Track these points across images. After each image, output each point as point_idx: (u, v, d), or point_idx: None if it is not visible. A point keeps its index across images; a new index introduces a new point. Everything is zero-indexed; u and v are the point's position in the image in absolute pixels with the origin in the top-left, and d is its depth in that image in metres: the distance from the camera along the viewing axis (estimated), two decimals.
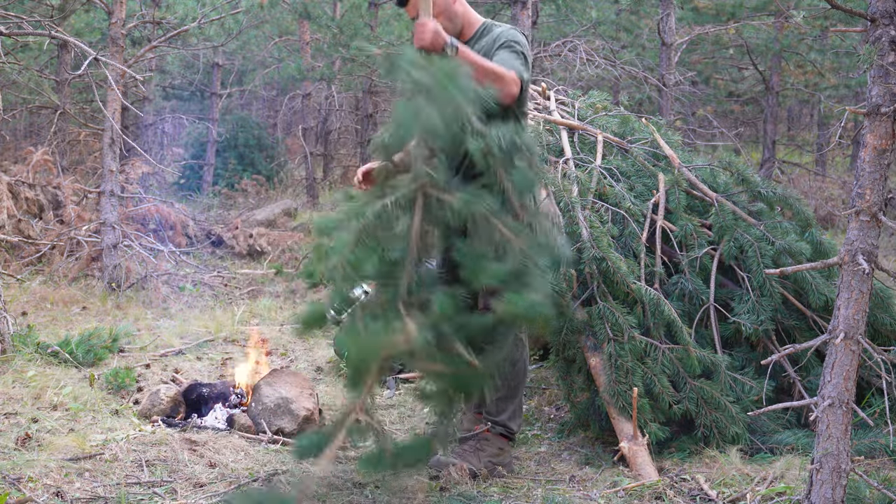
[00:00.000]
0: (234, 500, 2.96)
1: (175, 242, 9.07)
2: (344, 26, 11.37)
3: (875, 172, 2.63)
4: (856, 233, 2.66)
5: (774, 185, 4.56)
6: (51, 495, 3.11)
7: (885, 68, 2.57)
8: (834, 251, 4.16)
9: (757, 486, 3.28)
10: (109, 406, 4.28)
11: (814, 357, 3.99)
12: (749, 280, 4.09)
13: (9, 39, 7.71)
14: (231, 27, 11.67)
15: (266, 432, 3.96)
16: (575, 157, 4.60)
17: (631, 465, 3.54)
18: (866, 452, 3.57)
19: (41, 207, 8.36)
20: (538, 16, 9.72)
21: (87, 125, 9.75)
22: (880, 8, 2.57)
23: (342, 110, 16.08)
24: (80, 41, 6.84)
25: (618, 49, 11.38)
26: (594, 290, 3.93)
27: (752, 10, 10.57)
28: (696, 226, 4.26)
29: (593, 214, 4.17)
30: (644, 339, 3.84)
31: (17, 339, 5.05)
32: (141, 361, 5.17)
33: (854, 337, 2.67)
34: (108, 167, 7.13)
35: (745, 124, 16.01)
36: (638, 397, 3.60)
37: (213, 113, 14.39)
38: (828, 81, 12.27)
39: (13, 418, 3.97)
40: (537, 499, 3.23)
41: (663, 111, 9.57)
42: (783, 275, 3.80)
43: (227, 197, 13.69)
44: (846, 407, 2.70)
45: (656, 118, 5.08)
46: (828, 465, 2.71)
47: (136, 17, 8.93)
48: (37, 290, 6.92)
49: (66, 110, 9.95)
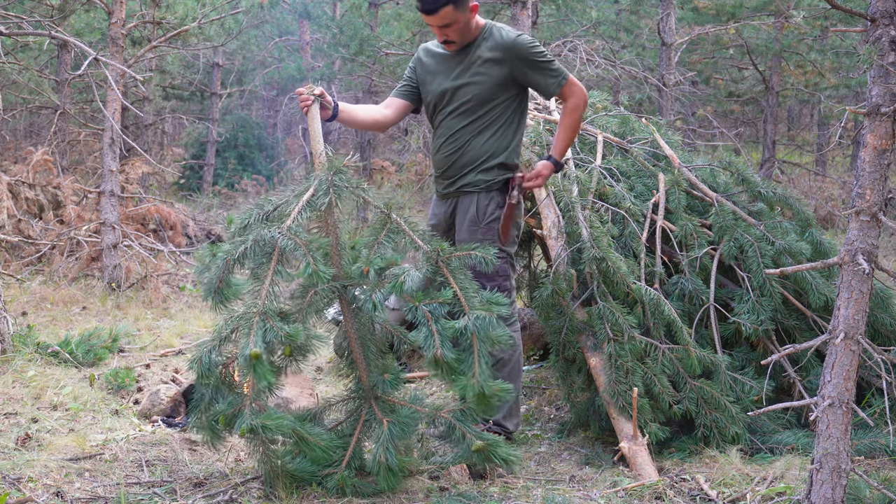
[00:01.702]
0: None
1: (175, 242, 9.08)
2: (344, 26, 11.38)
3: (875, 172, 2.62)
4: (856, 233, 2.66)
5: (774, 185, 4.55)
6: (51, 495, 3.11)
7: (885, 68, 2.57)
8: (834, 251, 4.16)
9: (757, 486, 3.28)
10: (109, 406, 4.28)
11: (814, 357, 3.99)
12: (749, 280, 4.08)
13: (9, 39, 7.71)
14: (231, 27, 11.67)
15: None
16: (575, 157, 4.60)
17: (631, 465, 3.54)
18: (866, 452, 3.57)
19: (41, 207, 8.36)
20: (538, 16, 9.72)
21: (87, 125, 9.76)
22: (880, 8, 2.57)
23: None
24: (80, 41, 6.84)
25: (618, 49, 11.38)
26: (594, 290, 3.93)
27: (752, 10, 10.58)
28: (696, 226, 4.26)
29: (593, 214, 4.17)
30: (644, 339, 3.84)
31: (17, 339, 5.05)
32: (141, 361, 5.17)
33: (854, 337, 2.67)
34: (108, 167, 7.13)
35: (745, 124, 16.01)
36: (638, 397, 3.60)
37: (213, 113, 14.39)
38: (828, 81, 12.27)
39: (13, 418, 3.97)
40: (537, 499, 3.23)
41: (663, 111, 9.57)
42: (783, 275, 3.80)
43: (227, 197, 13.69)
44: (846, 407, 2.70)
45: (656, 118, 5.08)
46: (828, 465, 2.71)
47: (136, 17, 8.93)
48: (37, 290, 6.92)
49: (66, 110, 9.95)
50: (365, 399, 3.35)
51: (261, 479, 3.34)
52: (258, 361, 2.91)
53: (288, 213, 3.19)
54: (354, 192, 3.28)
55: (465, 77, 3.67)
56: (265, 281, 3.08)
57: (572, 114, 3.70)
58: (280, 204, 3.29)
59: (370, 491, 3.19)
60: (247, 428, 2.97)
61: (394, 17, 13.16)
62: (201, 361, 3.09)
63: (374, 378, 3.35)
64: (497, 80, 3.64)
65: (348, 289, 3.32)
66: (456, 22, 3.58)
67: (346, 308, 3.34)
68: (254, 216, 3.26)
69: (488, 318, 3.07)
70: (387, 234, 3.28)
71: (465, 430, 3.26)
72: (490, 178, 3.69)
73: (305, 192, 3.24)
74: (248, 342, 2.94)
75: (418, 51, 3.92)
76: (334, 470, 3.20)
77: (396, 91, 3.90)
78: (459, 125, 3.70)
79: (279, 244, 3.09)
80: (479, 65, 3.64)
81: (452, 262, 3.22)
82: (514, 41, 3.62)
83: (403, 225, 3.28)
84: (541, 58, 3.62)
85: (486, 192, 3.70)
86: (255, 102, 20.52)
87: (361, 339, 3.35)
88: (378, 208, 3.33)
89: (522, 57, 3.61)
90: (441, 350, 3.03)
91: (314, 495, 3.18)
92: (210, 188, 14.03)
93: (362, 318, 3.36)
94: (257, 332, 2.96)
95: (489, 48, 3.64)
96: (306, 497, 3.17)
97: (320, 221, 3.29)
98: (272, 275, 3.08)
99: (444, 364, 3.05)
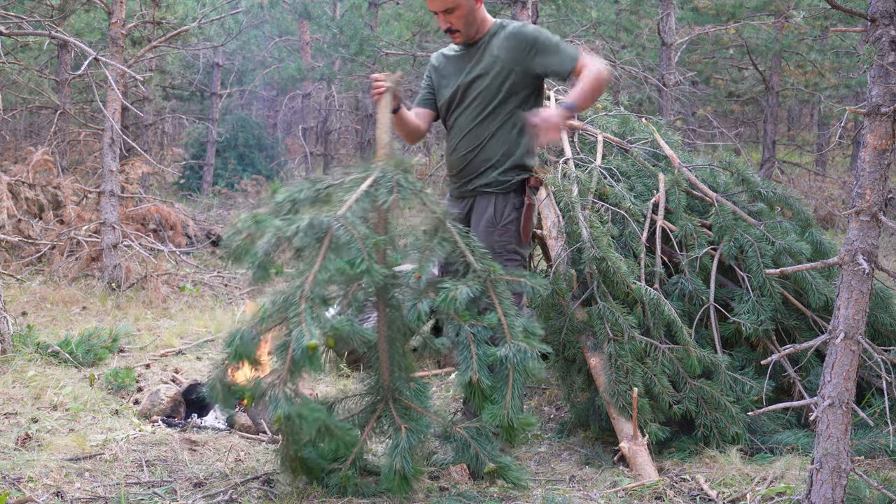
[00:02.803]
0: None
1: (175, 242, 9.08)
2: (344, 26, 11.38)
3: (875, 172, 2.63)
4: (856, 233, 2.66)
5: (774, 185, 4.55)
6: (51, 495, 3.11)
7: (885, 68, 2.57)
8: (834, 251, 4.16)
9: (757, 486, 3.28)
10: (109, 406, 4.28)
11: (814, 357, 3.99)
12: (749, 280, 4.09)
13: (9, 39, 7.71)
14: (231, 27, 11.68)
15: (266, 432, 3.96)
16: (575, 157, 4.60)
17: (631, 465, 3.54)
18: (866, 452, 3.57)
19: (41, 207, 8.36)
20: (538, 16, 9.71)
21: (87, 125, 9.76)
22: (880, 8, 2.57)
23: (342, 110, 16.08)
24: (80, 41, 6.84)
25: (618, 49, 11.38)
26: (594, 290, 3.93)
27: (752, 10, 10.57)
28: (696, 226, 4.26)
29: (593, 214, 4.17)
30: (644, 339, 3.84)
31: (17, 339, 5.05)
32: (141, 361, 5.17)
33: (854, 337, 2.67)
34: (108, 167, 7.13)
35: (745, 124, 16.01)
36: (638, 397, 3.60)
37: (213, 113, 14.40)
38: (828, 81, 12.27)
39: (13, 418, 3.97)
40: (537, 499, 3.23)
41: (663, 111, 9.57)
42: (783, 275, 3.80)
43: (227, 197, 13.69)
44: (846, 407, 2.70)
45: (656, 118, 5.07)
46: (828, 465, 2.71)
47: (136, 17, 8.93)
48: (37, 290, 6.92)
49: (66, 110, 9.95)
50: (382, 398, 3.32)
51: (261, 478, 3.34)
52: (314, 353, 2.82)
53: (343, 200, 3.13)
54: (418, 194, 3.22)
55: (476, 71, 3.64)
56: (313, 265, 2.98)
57: (592, 74, 3.48)
58: (333, 185, 3.22)
59: (371, 491, 3.18)
60: (283, 414, 2.88)
61: (394, 17, 13.16)
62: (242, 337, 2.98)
63: (396, 379, 3.31)
64: (508, 71, 3.58)
65: (388, 287, 3.26)
66: (459, 7, 3.54)
67: (382, 305, 3.28)
68: (304, 191, 3.20)
69: (528, 351, 3.07)
70: (439, 241, 3.23)
71: (480, 449, 3.25)
72: (507, 178, 3.65)
73: (364, 182, 3.17)
74: (303, 331, 2.84)
75: (431, 59, 3.89)
76: (339, 466, 3.19)
77: (418, 101, 3.86)
78: (473, 122, 3.66)
79: (333, 231, 3.02)
80: (490, 58, 3.61)
81: (500, 285, 3.20)
82: (519, 29, 3.60)
83: (457, 235, 3.24)
84: (549, 41, 3.57)
85: (504, 193, 3.65)
86: (255, 102, 20.53)
87: (390, 338, 3.30)
88: (434, 214, 3.27)
89: (531, 41, 3.56)
90: (478, 375, 3.03)
91: (314, 495, 3.18)
92: (210, 188, 14.04)
93: (394, 317, 3.30)
94: (309, 321, 2.87)
95: (498, 42, 3.61)
96: (306, 497, 3.17)
97: (373, 214, 3.22)
98: (321, 261, 2.99)
99: (477, 389, 3.04)
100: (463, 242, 3.24)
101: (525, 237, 3.69)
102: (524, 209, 3.66)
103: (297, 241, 3.02)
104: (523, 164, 3.68)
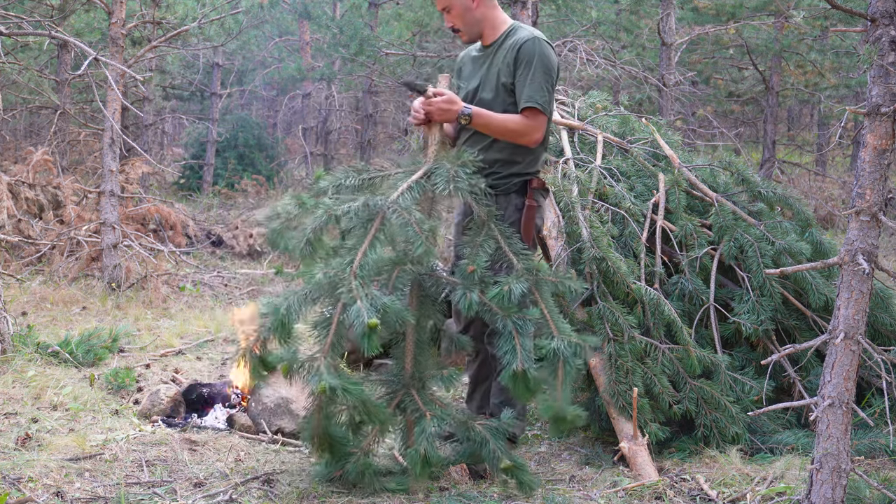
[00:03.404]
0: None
1: (175, 242, 9.08)
2: (344, 26, 11.38)
3: (875, 172, 2.63)
4: (856, 233, 2.66)
5: (774, 185, 4.55)
6: (51, 495, 3.11)
7: (885, 68, 2.57)
8: (834, 251, 4.16)
9: (757, 486, 3.28)
10: (109, 406, 4.28)
11: (814, 357, 3.99)
12: (749, 280, 4.09)
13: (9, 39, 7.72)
14: (231, 27, 11.67)
15: (266, 432, 3.96)
16: (575, 157, 4.60)
17: (631, 465, 3.54)
18: (866, 452, 3.58)
19: (41, 207, 8.36)
20: (538, 16, 9.70)
21: (87, 125, 9.76)
22: (880, 8, 2.57)
23: (342, 110, 16.09)
24: (80, 41, 6.84)
25: (618, 49, 11.38)
26: (594, 290, 3.93)
27: (752, 10, 10.57)
28: (696, 226, 4.26)
29: (593, 214, 4.17)
30: (644, 339, 3.84)
31: (17, 339, 5.05)
32: (141, 361, 5.17)
33: (854, 337, 2.67)
34: (108, 167, 7.13)
35: (745, 124, 16.00)
36: (638, 397, 3.60)
37: (213, 113, 14.39)
38: (828, 81, 12.26)
39: (13, 418, 3.97)
40: (537, 499, 3.23)
41: (663, 111, 9.57)
42: (783, 275, 3.80)
43: (227, 197, 13.69)
44: (846, 407, 2.70)
45: (656, 118, 5.08)
46: (828, 465, 2.71)
47: (136, 17, 8.92)
48: (37, 290, 6.92)
49: (66, 110, 9.95)
50: (403, 386, 3.35)
51: (261, 478, 3.35)
52: (373, 331, 2.85)
53: (394, 186, 3.19)
54: (471, 189, 3.30)
55: (483, 76, 3.63)
56: (362, 244, 3.04)
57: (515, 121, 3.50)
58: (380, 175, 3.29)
59: (378, 486, 3.20)
60: (327, 386, 2.91)
61: (394, 17, 13.16)
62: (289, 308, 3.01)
63: (421, 367, 3.36)
64: (505, 80, 3.55)
65: (425, 276, 3.34)
66: (453, 7, 3.55)
67: (416, 294, 3.33)
68: (350, 178, 3.26)
69: (579, 345, 3.14)
70: (485, 237, 3.32)
71: (496, 446, 3.27)
72: (508, 179, 3.62)
73: (416, 172, 3.25)
74: (360, 309, 2.88)
75: (457, 59, 3.91)
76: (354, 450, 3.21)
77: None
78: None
79: (385, 213, 3.09)
80: (495, 67, 3.59)
81: (543, 284, 3.27)
82: (522, 44, 3.50)
83: (499, 235, 3.34)
84: (534, 70, 3.47)
85: (505, 194, 3.63)
86: (255, 102, 20.52)
87: (419, 328, 3.36)
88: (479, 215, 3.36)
89: (522, 60, 3.48)
90: (524, 365, 3.06)
91: (314, 495, 3.18)
92: (210, 188, 14.03)
93: (427, 307, 3.37)
94: (364, 299, 2.90)
95: (504, 50, 3.58)
96: (306, 497, 3.17)
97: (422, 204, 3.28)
98: (370, 241, 3.04)
99: (522, 379, 3.08)
100: (504, 242, 3.33)
101: (527, 238, 3.68)
102: (525, 210, 3.65)
103: (345, 222, 3.08)
104: (526, 166, 3.67)
